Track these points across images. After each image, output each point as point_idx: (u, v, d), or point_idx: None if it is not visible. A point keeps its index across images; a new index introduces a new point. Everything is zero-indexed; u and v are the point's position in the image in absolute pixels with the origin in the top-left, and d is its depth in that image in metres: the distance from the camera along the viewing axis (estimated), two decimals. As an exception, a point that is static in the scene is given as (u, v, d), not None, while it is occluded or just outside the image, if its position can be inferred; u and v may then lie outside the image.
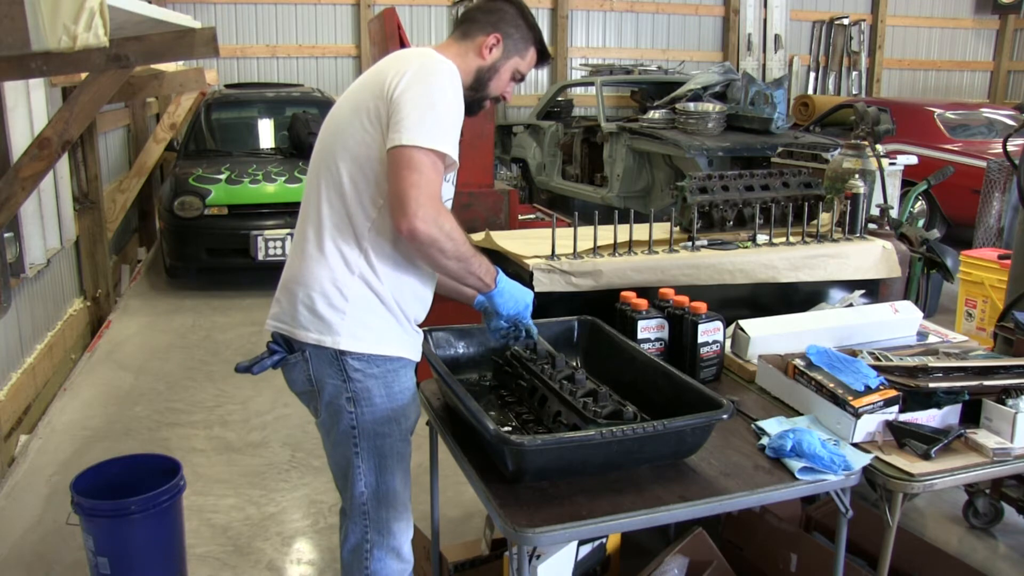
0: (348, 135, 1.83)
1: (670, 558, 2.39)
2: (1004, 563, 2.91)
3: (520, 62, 2.01)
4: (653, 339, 2.34)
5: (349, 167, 1.82)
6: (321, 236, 1.83)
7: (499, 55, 1.97)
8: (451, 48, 1.96)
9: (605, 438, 1.68)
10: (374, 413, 1.87)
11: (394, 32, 6.67)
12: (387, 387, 1.87)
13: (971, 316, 4.95)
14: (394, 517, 1.95)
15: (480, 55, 1.95)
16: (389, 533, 1.94)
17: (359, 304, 1.83)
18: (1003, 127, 8.05)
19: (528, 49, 2.01)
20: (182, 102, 7.42)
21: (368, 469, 1.90)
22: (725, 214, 3.01)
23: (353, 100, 1.87)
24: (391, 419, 1.90)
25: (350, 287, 1.82)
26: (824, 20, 11.70)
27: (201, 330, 5.57)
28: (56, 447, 3.82)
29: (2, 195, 3.40)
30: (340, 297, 1.82)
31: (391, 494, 1.94)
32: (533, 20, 2.02)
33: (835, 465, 1.80)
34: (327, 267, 1.82)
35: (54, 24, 2.18)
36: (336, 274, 1.82)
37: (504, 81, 2.00)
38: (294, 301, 1.85)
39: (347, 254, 1.82)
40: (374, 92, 1.80)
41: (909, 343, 2.55)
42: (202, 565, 2.90)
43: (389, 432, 1.90)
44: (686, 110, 6.77)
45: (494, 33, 1.95)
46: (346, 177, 1.82)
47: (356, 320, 1.82)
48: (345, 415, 1.87)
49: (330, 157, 1.85)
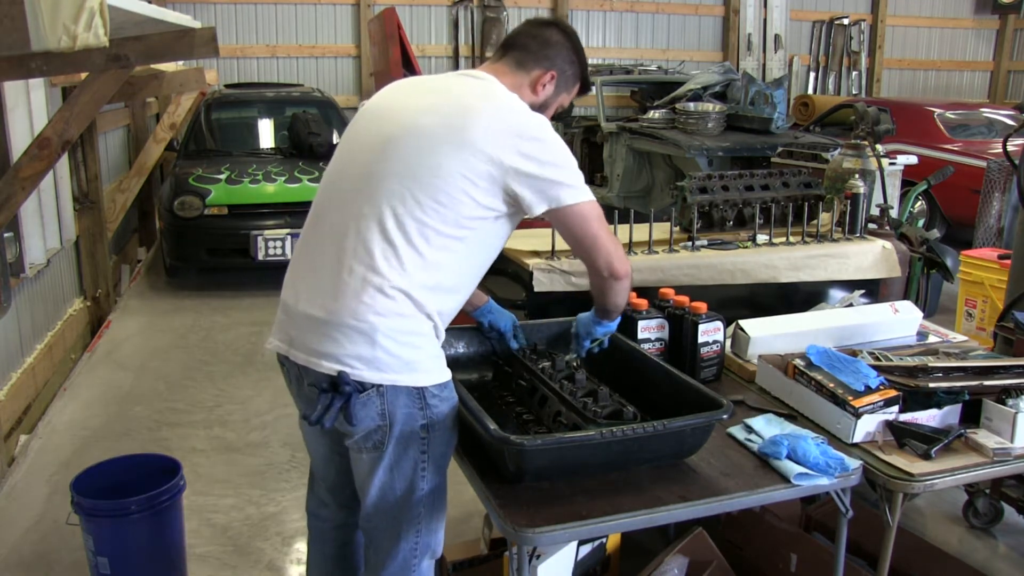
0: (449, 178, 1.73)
1: (670, 558, 2.39)
2: (1004, 563, 2.91)
3: (566, 97, 2.01)
4: (653, 339, 2.34)
5: (431, 208, 1.73)
6: (389, 271, 1.73)
7: (551, 92, 1.96)
8: (506, 78, 1.91)
9: (605, 438, 1.69)
10: (445, 431, 1.85)
11: (394, 32, 6.68)
12: (451, 404, 1.86)
13: (971, 316, 4.95)
14: (441, 522, 1.94)
15: (534, 91, 1.93)
16: (435, 536, 1.93)
17: (429, 338, 1.80)
18: (1003, 127, 8.04)
19: (575, 84, 2.01)
20: (182, 102, 7.42)
21: (429, 487, 1.86)
22: (725, 214, 3.01)
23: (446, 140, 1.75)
24: (454, 434, 1.89)
25: (420, 323, 1.77)
26: (824, 20, 11.70)
27: (201, 330, 5.56)
28: (56, 447, 3.82)
29: (2, 195, 3.40)
30: (414, 335, 1.76)
31: (442, 499, 1.93)
32: (583, 54, 2.00)
33: (832, 469, 1.80)
34: (398, 302, 1.74)
35: (54, 24, 2.18)
36: (404, 310, 1.74)
37: (549, 115, 1.97)
38: (366, 341, 1.73)
39: (414, 291, 1.75)
40: (480, 146, 1.73)
41: (909, 343, 2.56)
42: (202, 565, 2.90)
43: (450, 450, 1.90)
44: (686, 110, 6.76)
45: (551, 71, 1.93)
46: (437, 217, 1.74)
47: (430, 354, 1.80)
48: (417, 442, 1.81)
49: (413, 193, 1.74)
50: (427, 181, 1.74)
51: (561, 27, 2.00)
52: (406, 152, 1.77)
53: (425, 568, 1.94)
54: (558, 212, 1.80)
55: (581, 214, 1.82)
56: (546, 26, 1.99)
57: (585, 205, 1.82)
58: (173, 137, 7.39)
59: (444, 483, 1.92)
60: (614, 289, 1.95)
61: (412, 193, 1.74)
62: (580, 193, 1.81)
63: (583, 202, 1.81)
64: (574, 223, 1.83)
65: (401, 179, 1.75)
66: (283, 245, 6.19)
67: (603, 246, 1.86)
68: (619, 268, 1.89)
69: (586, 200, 1.82)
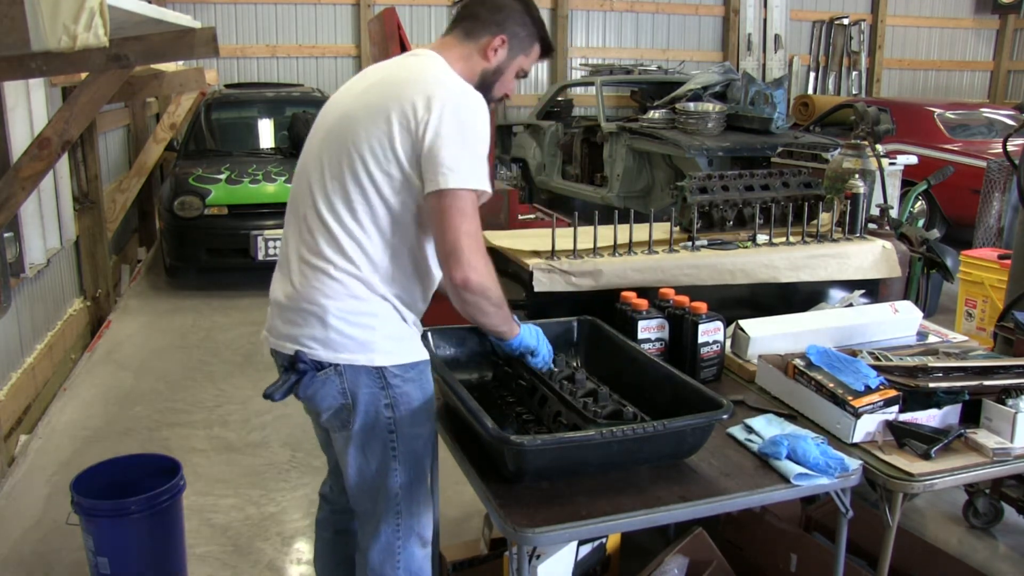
0: (366, 154, 1.76)
1: (670, 558, 2.39)
2: (1004, 563, 2.91)
3: (524, 60, 1.95)
4: (653, 339, 2.34)
5: (367, 187, 1.77)
6: (334, 251, 1.79)
7: (504, 56, 1.91)
8: (454, 49, 1.90)
9: (605, 438, 1.68)
10: (412, 415, 1.87)
11: (394, 32, 6.67)
12: (421, 388, 1.88)
13: (971, 316, 4.95)
14: (424, 507, 1.96)
15: (485, 57, 1.90)
16: (418, 521, 1.96)
17: (386, 319, 1.82)
18: (1003, 127, 8.04)
19: (533, 46, 1.96)
20: (182, 102, 7.42)
21: (404, 469, 1.89)
22: (725, 214, 3.01)
23: (366, 117, 1.78)
24: (426, 418, 1.91)
25: (374, 304, 1.81)
26: (824, 20, 11.70)
27: (201, 330, 5.56)
28: (56, 447, 3.82)
29: (2, 195, 3.40)
30: (368, 316, 1.80)
31: (423, 486, 1.95)
32: (538, 14, 1.96)
33: (831, 469, 1.80)
34: (347, 285, 1.79)
35: (54, 24, 2.18)
36: (356, 291, 1.79)
37: (508, 81, 1.96)
38: (318, 321, 1.80)
39: (365, 272, 1.79)
40: (399, 117, 1.73)
41: (909, 343, 2.55)
42: (202, 565, 2.90)
43: (423, 431, 1.91)
44: (686, 110, 6.76)
45: (500, 35, 1.89)
46: (361, 196, 1.77)
47: (387, 334, 1.82)
48: (383, 420, 1.85)
49: (342, 173, 1.79)
50: (348, 164, 1.78)
51: None
52: (335, 139, 1.83)
53: (415, 553, 1.96)
54: (435, 194, 1.72)
55: (452, 202, 1.71)
56: None
57: (462, 194, 1.70)
58: (173, 137, 7.39)
59: (422, 470, 1.93)
60: (467, 302, 1.77)
61: (339, 178, 1.79)
62: (464, 179, 1.70)
63: (460, 190, 1.70)
64: (439, 210, 1.72)
65: (331, 167, 1.81)
66: (283, 245, 6.18)
67: (458, 247, 1.70)
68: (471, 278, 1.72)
69: (466, 188, 1.71)
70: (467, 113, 1.75)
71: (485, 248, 1.78)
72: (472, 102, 1.77)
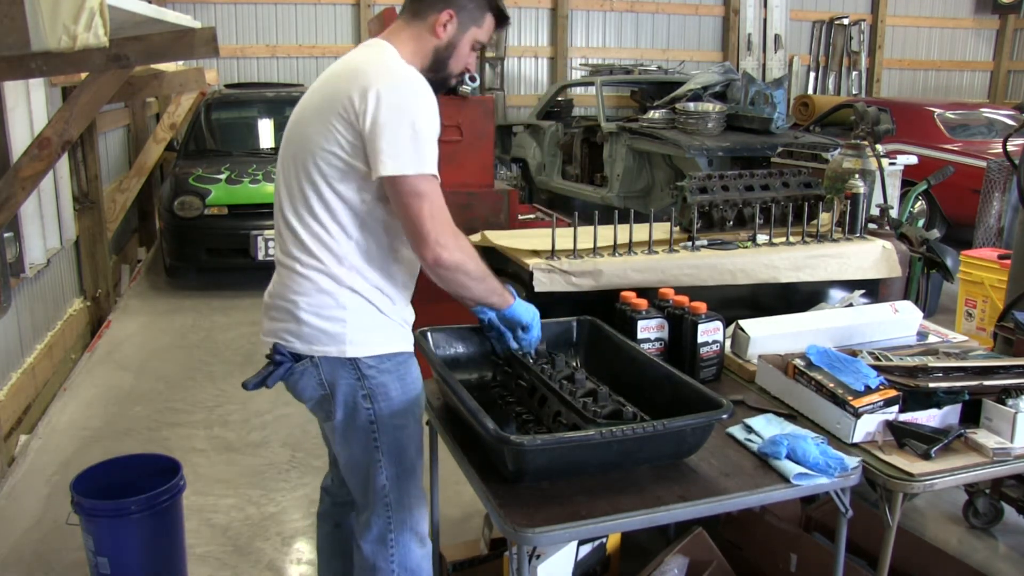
0: (315, 151, 1.79)
1: (670, 558, 2.39)
2: (1004, 563, 2.91)
3: (478, 31, 1.92)
4: (653, 339, 2.34)
5: (319, 183, 1.79)
6: (299, 249, 1.83)
7: (455, 30, 1.88)
8: (403, 32, 1.88)
9: (605, 438, 1.68)
10: (391, 406, 1.89)
11: (394, 32, 6.67)
12: (400, 380, 1.90)
13: (971, 316, 4.95)
14: (416, 502, 1.98)
15: (435, 34, 1.87)
16: (410, 515, 1.97)
17: (357, 311, 1.84)
18: (1003, 127, 8.04)
19: (484, 16, 1.92)
20: (182, 102, 7.42)
21: (389, 462, 1.91)
22: (725, 214, 3.01)
23: (313, 115, 1.81)
24: (407, 410, 1.92)
25: (343, 297, 1.83)
26: (824, 20, 11.70)
27: (201, 330, 5.57)
28: (56, 447, 3.82)
29: (2, 195, 3.40)
30: (337, 308, 1.83)
31: (412, 480, 1.96)
32: None
33: (831, 469, 1.80)
34: (314, 281, 1.83)
35: (54, 24, 2.18)
36: (324, 286, 1.82)
37: (464, 55, 1.93)
38: (291, 316, 1.85)
39: (331, 266, 1.82)
40: (338, 110, 1.75)
41: (909, 343, 2.55)
42: (202, 565, 2.90)
43: (406, 423, 1.92)
44: (686, 110, 6.76)
45: (446, 9, 1.86)
46: (315, 192, 1.80)
47: (358, 326, 1.84)
48: (362, 411, 1.88)
49: (297, 172, 1.83)
50: (301, 163, 1.82)
51: None
52: (291, 142, 1.87)
53: (412, 549, 1.96)
54: (385, 181, 1.73)
55: (403, 187, 1.72)
56: None
57: (411, 179, 1.71)
58: (173, 137, 7.39)
59: (410, 464, 1.94)
60: (444, 279, 1.80)
61: (296, 174, 1.83)
62: (408, 164, 1.71)
63: (409, 175, 1.71)
64: (395, 197, 1.74)
65: (289, 169, 1.86)
66: (283, 245, 6.19)
67: (423, 229, 1.72)
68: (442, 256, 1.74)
69: (413, 173, 1.71)
70: (402, 96, 1.73)
71: (453, 224, 1.78)
72: (408, 85, 1.75)
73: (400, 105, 1.72)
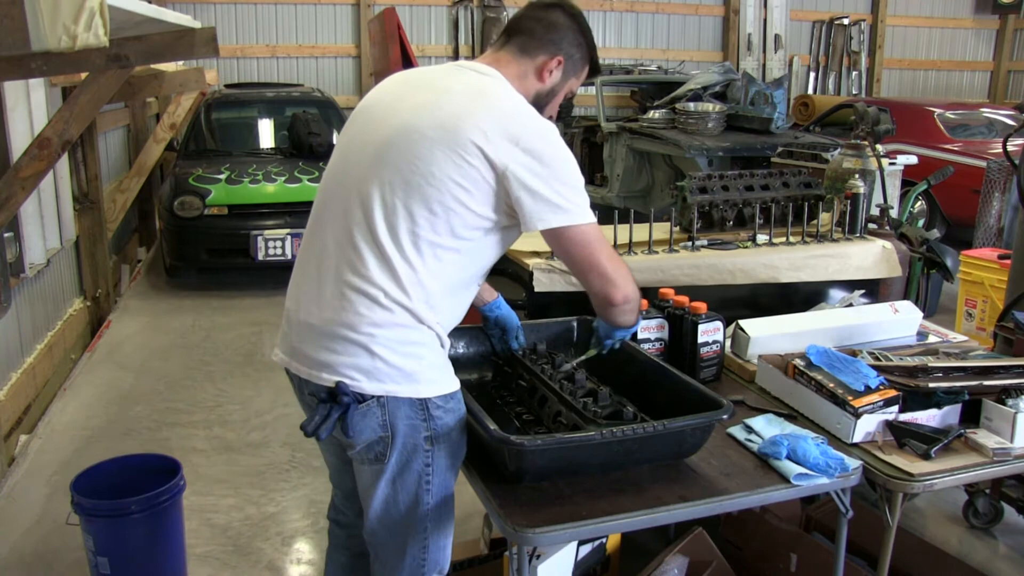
0: (442, 179, 1.65)
1: (670, 558, 2.39)
2: (1004, 563, 2.91)
3: (575, 82, 1.90)
4: (653, 339, 2.34)
5: (434, 219, 1.67)
6: (388, 277, 1.68)
7: (559, 78, 1.85)
8: (510, 66, 1.81)
9: (605, 438, 1.68)
10: (450, 447, 1.79)
11: (394, 32, 6.68)
12: (458, 418, 1.80)
13: (971, 316, 4.95)
14: (449, 538, 1.89)
15: (540, 78, 1.83)
16: (443, 553, 1.88)
17: (432, 348, 1.74)
18: (1003, 127, 8.05)
19: (584, 67, 1.90)
20: (182, 102, 7.42)
21: (434, 503, 1.81)
22: (725, 214, 3.01)
23: (442, 140, 1.66)
24: (460, 448, 1.83)
25: (423, 334, 1.71)
26: (824, 20, 11.70)
27: (201, 330, 5.56)
28: (56, 447, 3.82)
29: (2, 195, 3.40)
30: (416, 345, 1.71)
31: (449, 517, 1.88)
32: (591, 35, 1.89)
33: (831, 469, 1.80)
34: (395, 313, 1.68)
35: (54, 24, 2.18)
36: (405, 321, 1.69)
37: (557, 104, 1.89)
38: (364, 350, 1.68)
39: (416, 301, 1.69)
40: (477, 144, 1.64)
41: (909, 343, 2.56)
42: (202, 565, 2.90)
43: (457, 463, 1.84)
44: (686, 110, 6.76)
45: (558, 56, 1.82)
46: (428, 226, 1.67)
47: (432, 364, 1.74)
48: (421, 454, 1.75)
49: (408, 194, 1.67)
50: (419, 189, 1.66)
51: (566, 8, 1.87)
52: (397, 157, 1.69)
53: None
54: (554, 232, 1.71)
55: (578, 238, 1.72)
56: (550, 8, 1.86)
57: (583, 228, 1.71)
58: (173, 137, 7.39)
59: (451, 497, 1.85)
60: (611, 313, 1.85)
61: (404, 203, 1.67)
62: (578, 215, 1.70)
63: (581, 224, 1.71)
64: (569, 246, 1.74)
65: (393, 188, 1.68)
66: (283, 245, 6.20)
67: (600, 273, 1.76)
68: (615, 295, 1.79)
69: (584, 223, 1.71)
70: (555, 146, 1.70)
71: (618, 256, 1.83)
72: (554, 132, 1.71)
73: (556, 156, 1.69)
